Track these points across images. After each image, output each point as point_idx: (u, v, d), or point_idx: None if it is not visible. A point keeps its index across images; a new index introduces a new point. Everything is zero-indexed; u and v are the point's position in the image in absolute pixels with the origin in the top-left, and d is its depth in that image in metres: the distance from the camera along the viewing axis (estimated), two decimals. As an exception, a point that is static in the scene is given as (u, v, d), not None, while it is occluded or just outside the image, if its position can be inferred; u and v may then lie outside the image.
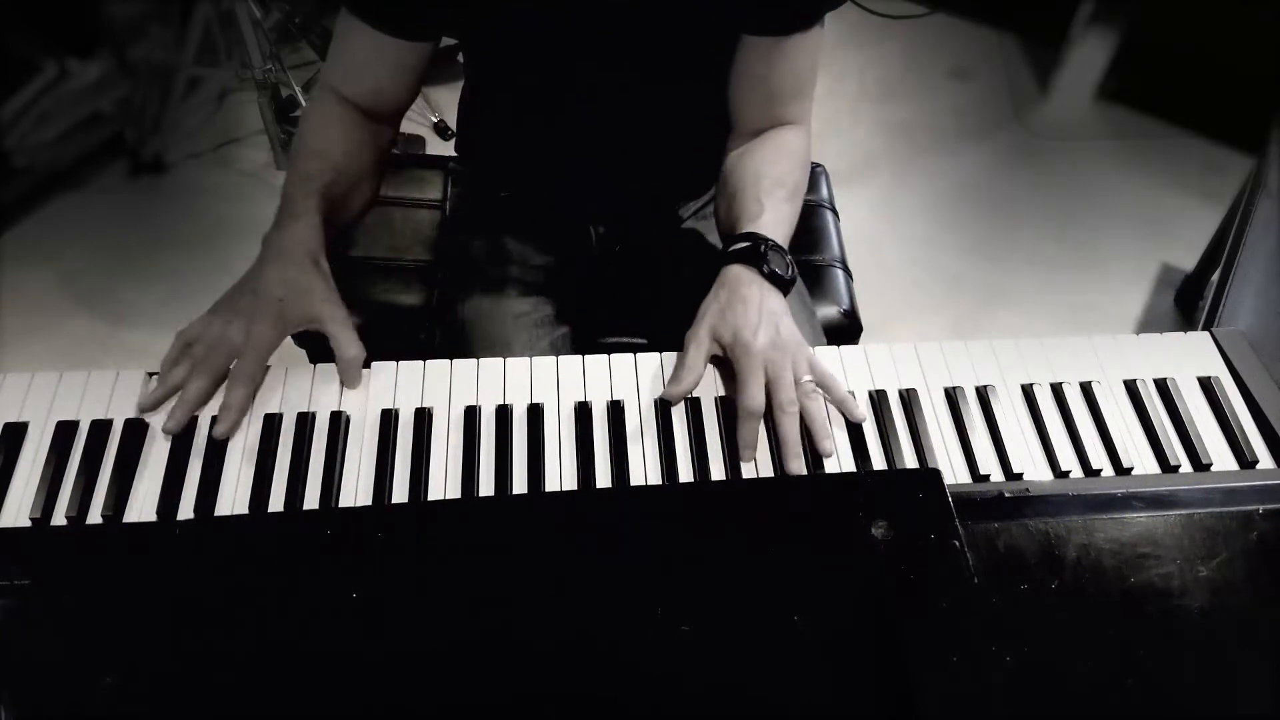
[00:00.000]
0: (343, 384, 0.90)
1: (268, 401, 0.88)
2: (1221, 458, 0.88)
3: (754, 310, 0.90)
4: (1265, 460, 0.88)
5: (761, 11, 0.98)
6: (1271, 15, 2.31)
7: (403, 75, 1.03)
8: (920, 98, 2.69)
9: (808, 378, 0.89)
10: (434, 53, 1.03)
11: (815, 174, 1.47)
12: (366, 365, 0.90)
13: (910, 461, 0.86)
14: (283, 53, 2.22)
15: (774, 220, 0.98)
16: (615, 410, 0.88)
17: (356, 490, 0.83)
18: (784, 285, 0.94)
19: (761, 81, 1.03)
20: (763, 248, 0.94)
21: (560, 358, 0.92)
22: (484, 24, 0.98)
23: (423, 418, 0.86)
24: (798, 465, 0.85)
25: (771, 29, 0.99)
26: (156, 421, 0.85)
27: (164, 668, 0.64)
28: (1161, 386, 0.93)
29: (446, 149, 2.36)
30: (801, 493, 0.79)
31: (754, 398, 0.86)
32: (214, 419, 0.85)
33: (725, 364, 0.91)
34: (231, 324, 0.88)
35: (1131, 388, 0.92)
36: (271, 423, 0.86)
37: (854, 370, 0.94)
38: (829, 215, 1.43)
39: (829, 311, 1.29)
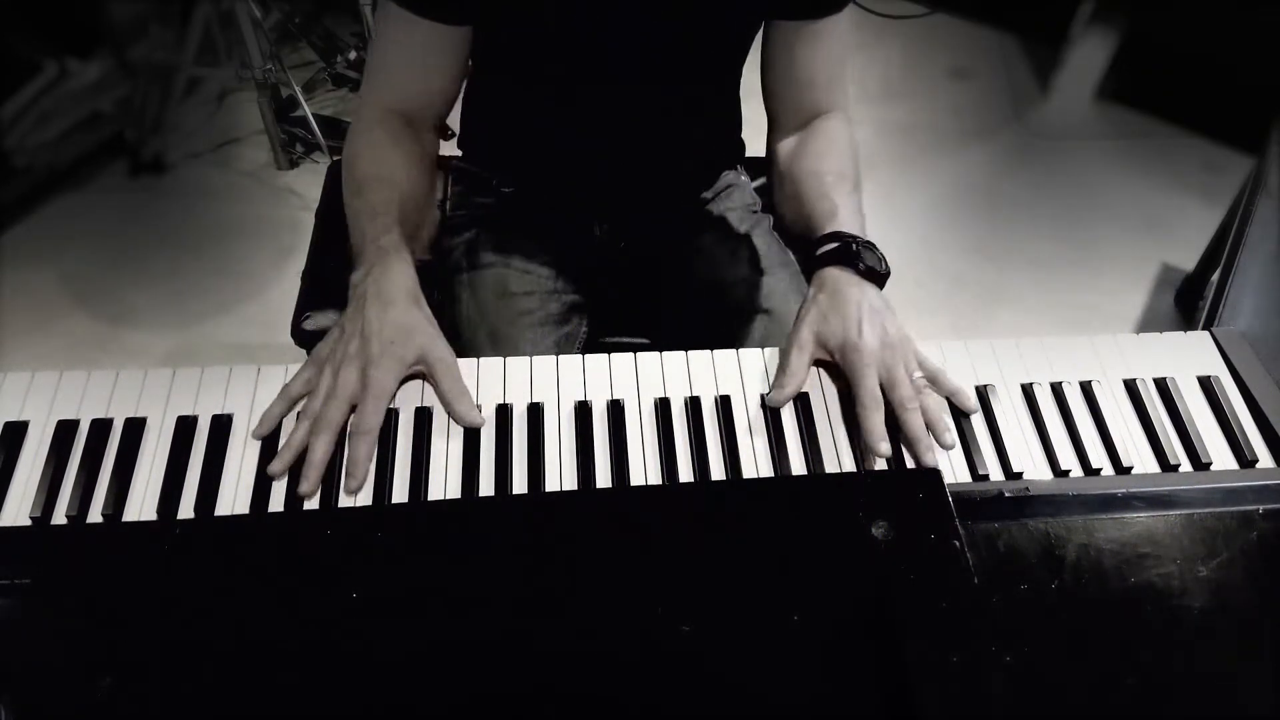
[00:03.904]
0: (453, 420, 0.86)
1: (266, 402, 0.87)
2: (1221, 457, 0.87)
3: (857, 309, 0.89)
4: (1265, 460, 0.88)
5: None
6: (1272, 16, 2.31)
7: (444, 68, 1.02)
8: (920, 98, 2.69)
9: (918, 374, 0.89)
10: (469, 47, 1.02)
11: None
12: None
13: (910, 461, 0.86)
14: (283, 53, 2.22)
15: (849, 215, 0.97)
16: (615, 410, 0.88)
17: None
18: (880, 280, 0.93)
19: (796, 69, 1.02)
20: (854, 245, 0.93)
21: (560, 357, 0.92)
22: (505, 10, 0.98)
23: (423, 417, 0.86)
24: (931, 458, 0.84)
25: (803, 12, 0.98)
26: (155, 420, 0.85)
27: (164, 668, 0.64)
28: (1161, 386, 0.93)
29: (447, 149, 2.36)
30: (801, 493, 0.79)
31: (873, 393, 0.84)
32: (215, 417, 0.85)
33: (829, 365, 0.91)
34: (344, 371, 0.85)
35: (1131, 387, 0.92)
36: (271, 423, 0.86)
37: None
38: (829, 215, 1.43)
39: (829, 311, 1.29)
